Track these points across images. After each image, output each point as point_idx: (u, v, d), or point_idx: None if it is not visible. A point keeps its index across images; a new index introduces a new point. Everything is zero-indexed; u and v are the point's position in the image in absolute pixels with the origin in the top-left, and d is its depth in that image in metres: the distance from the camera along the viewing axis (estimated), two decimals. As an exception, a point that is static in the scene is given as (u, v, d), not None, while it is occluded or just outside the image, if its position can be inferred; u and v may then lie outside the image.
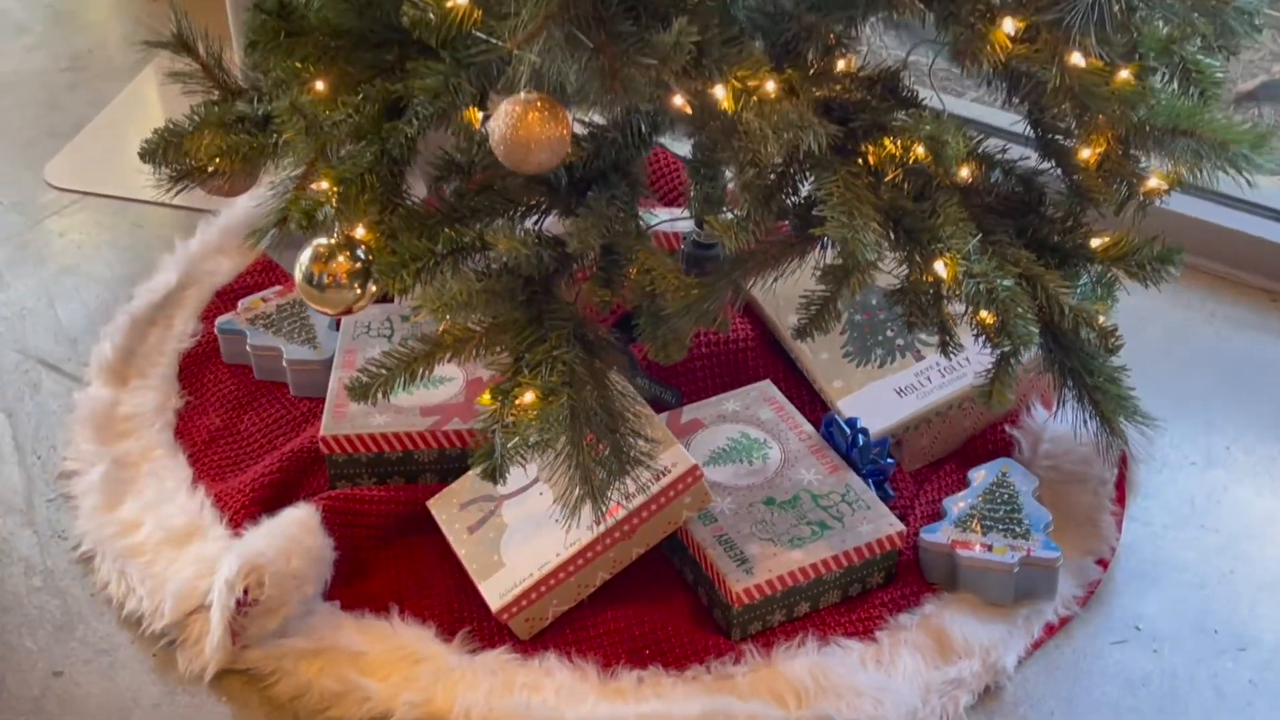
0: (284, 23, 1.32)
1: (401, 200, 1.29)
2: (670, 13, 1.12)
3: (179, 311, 1.77)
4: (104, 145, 2.11)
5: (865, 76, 1.26)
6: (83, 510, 1.51)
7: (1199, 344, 1.78)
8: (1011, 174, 1.36)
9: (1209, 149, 1.26)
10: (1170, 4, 1.21)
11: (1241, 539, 1.52)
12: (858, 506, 1.42)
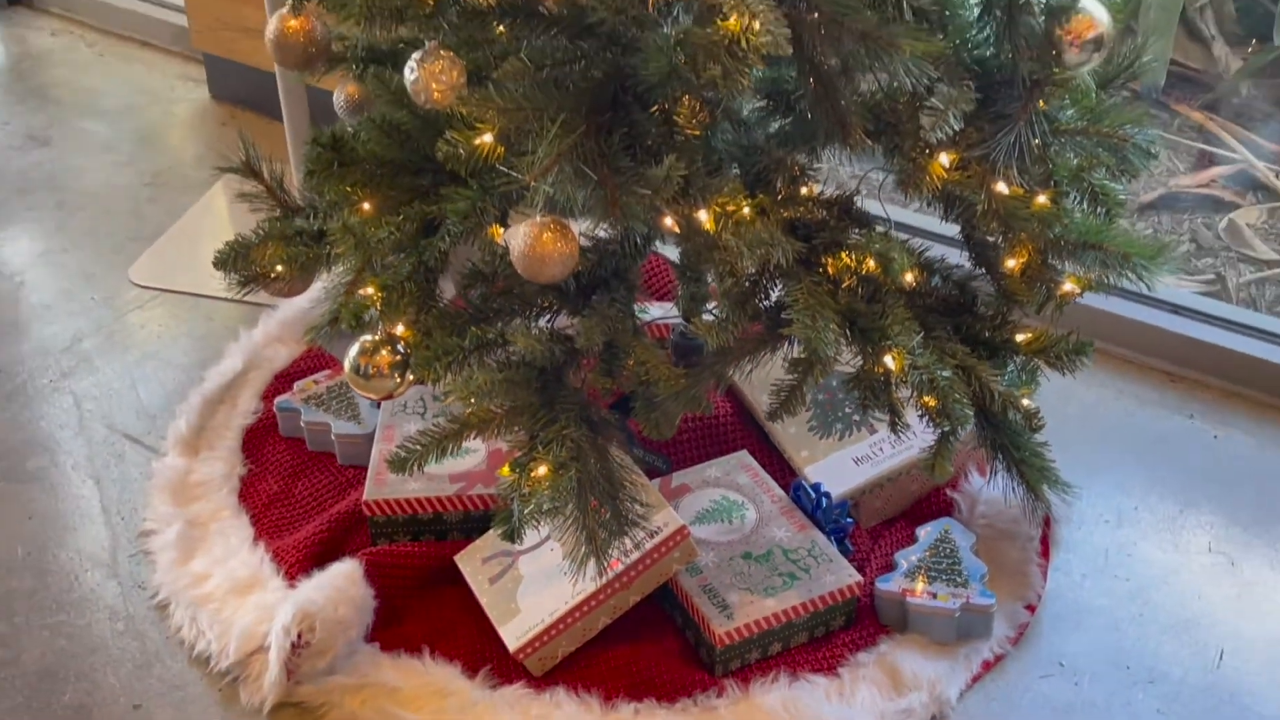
0: (336, 154, 1.34)
1: (435, 303, 1.31)
2: (661, 150, 1.14)
3: (243, 392, 1.78)
4: (180, 249, 2.12)
5: (825, 200, 1.27)
6: (160, 564, 1.51)
7: (1110, 419, 1.79)
8: (949, 279, 1.37)
9: (1114, 260, 1.28)
10: (1079, 140, 1.23)
11: (1148, 587, 1.52)
12: (822, 560, 1.43)
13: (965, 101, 1.15)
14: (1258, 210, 2.38)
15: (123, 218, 2.21)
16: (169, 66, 2.70)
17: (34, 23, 2.88)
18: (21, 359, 1.89)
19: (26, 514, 1.61)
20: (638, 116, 1.16)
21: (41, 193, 2.28)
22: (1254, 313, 1.97)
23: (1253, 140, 2.54)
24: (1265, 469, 1.71)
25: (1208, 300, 1.96)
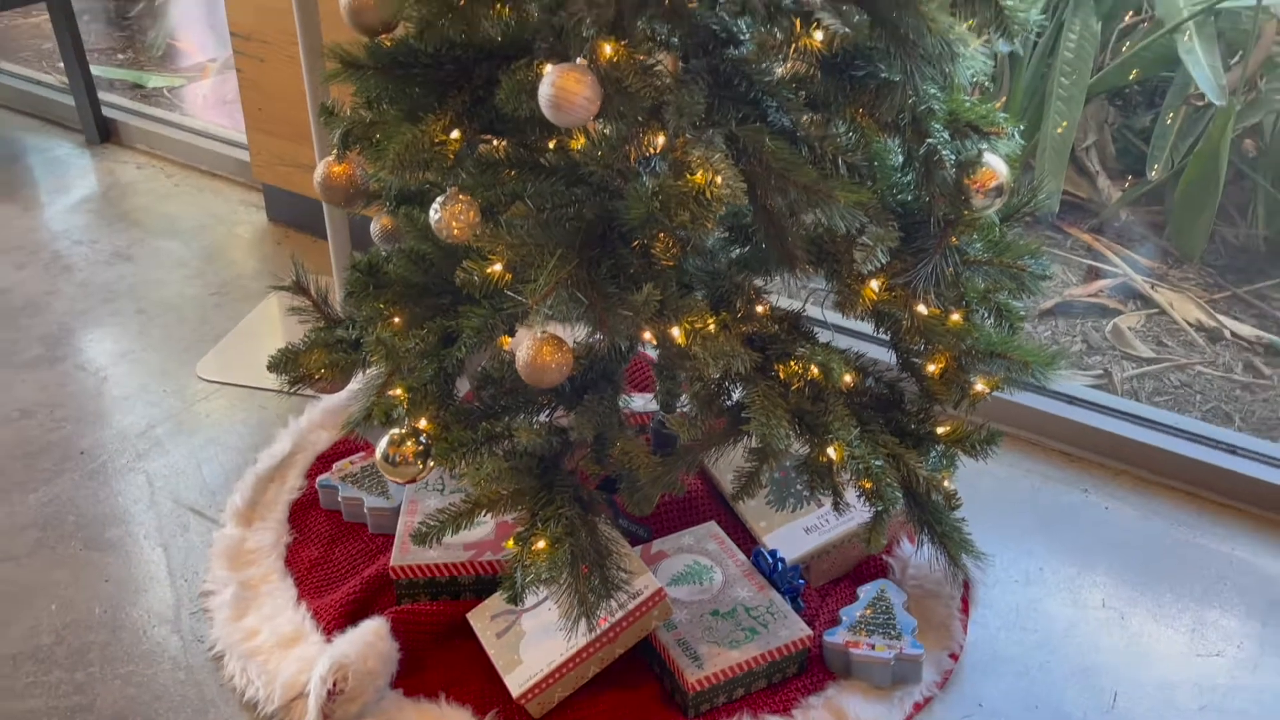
0: (372, 278, 1.36)
1: (452, 401, 1.32)
2: (641, 278, 1.15)
3: (290, 471, 1.77)
4: (239, 350, 2.12)
5: (777, 317, 1.28)
6: (216, 621, 1.49)
7: (1017, 493, 1.79)
8: (880, 380, 1.38)
9: (1017, 366, 1.29)
10: (985, 269, 1.24)
11: (1053, 638, 1.52)
12: (778, 616, 1.42)
13: (890, 239, 1.17)
14: (1137, 316, 2.40)
15: (192, 323, 2.22)
16: (234, 194, 2.72)
17: (122, 157, 2.91)
18: (103, 443, 1.88)
19: (104, 577, 1.60)
20: (621, 250, 1.17)
21: (124, 301, 2.28)
22: (1136, 403, 1.98)
23: (1132, 257, 2.58)
24: (1148, 536, 1.71)
25: (1097, 392, 1.98)
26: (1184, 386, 2.18)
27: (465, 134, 1.21)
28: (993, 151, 1.21)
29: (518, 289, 1.16)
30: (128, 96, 3.23)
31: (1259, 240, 2.60)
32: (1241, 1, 2.51)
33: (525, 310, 1.19)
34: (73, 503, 1.74)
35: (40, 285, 2.33)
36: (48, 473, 1.81)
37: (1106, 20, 2.63)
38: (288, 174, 2.48)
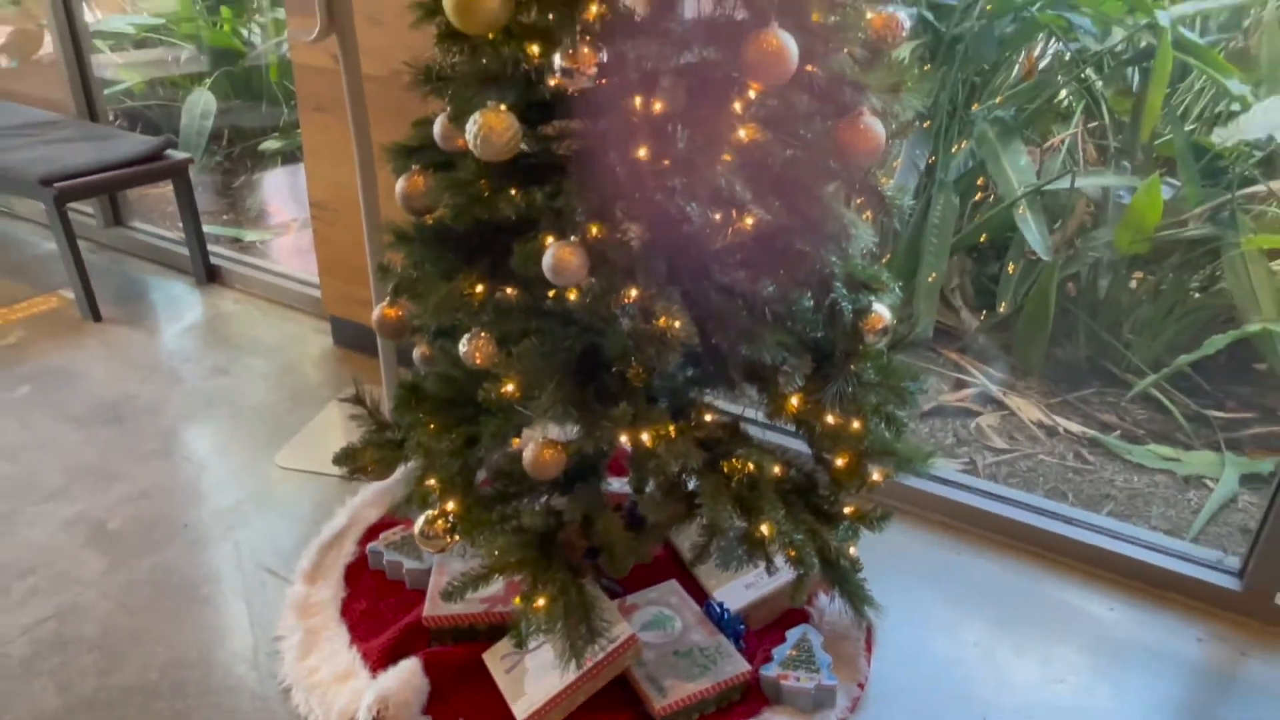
0: (414, 394, 1.36)
1: (474, 489, 1.31)
2: (619, 396, 1.17)
3: (346, 540, 1.74)
4: (309, 444, 2.11)
5: (722, 424, 1.28)
6: (286, 660, 1.46)
7: (907, 555, 1.78)
8: (800, 471, 1.38)
9: (902, 461, 1.31)
10: (877, 388, 1.27)
11: (936, 671, 1.50)
12: (725, 655, 1.40)
13: (805, 367, 1.19)
14: (994, 416, 2.42)
15: (272, 423, 2.20)
16: (307, 323, 2.73)
17: (223, 294, 2.92)
18: (202, 518, 1.85)
19: (199, 625, 1.56)
20: (604, 375, 1.19)
21: (221, 405, 2.27)
22: (995, 484, 1.99)
23: (988, 371, 2.61)
24: (1007, 588, 1.70)
25: (966, 475, 1.98)
26: (1030, 471, 2.20)
27: (487, 288, 1.24)
28: (879, 302, 1.25)
29: (525, 404, 1.17)
30: (229, 248, 3.26)
31: (1081, 359, 2.64)
32: (1060, 185, 2.61)
33: (530, 420, 1.21)
34: (177, 565, 1.71)
35: (158, 393, 2.32)
36: (159, 541, 1.77)
37: (963, 196, 2.71)
38: (350, 308, 2.50)
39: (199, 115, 3.66)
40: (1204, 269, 2.55)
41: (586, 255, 1.07)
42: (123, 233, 3.22)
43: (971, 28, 2.58)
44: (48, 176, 2.52)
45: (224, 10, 4.17)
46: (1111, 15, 2.58)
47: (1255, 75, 2.54)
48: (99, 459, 2.04)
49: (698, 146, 1.09)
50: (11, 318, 2.71)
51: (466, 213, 1.17)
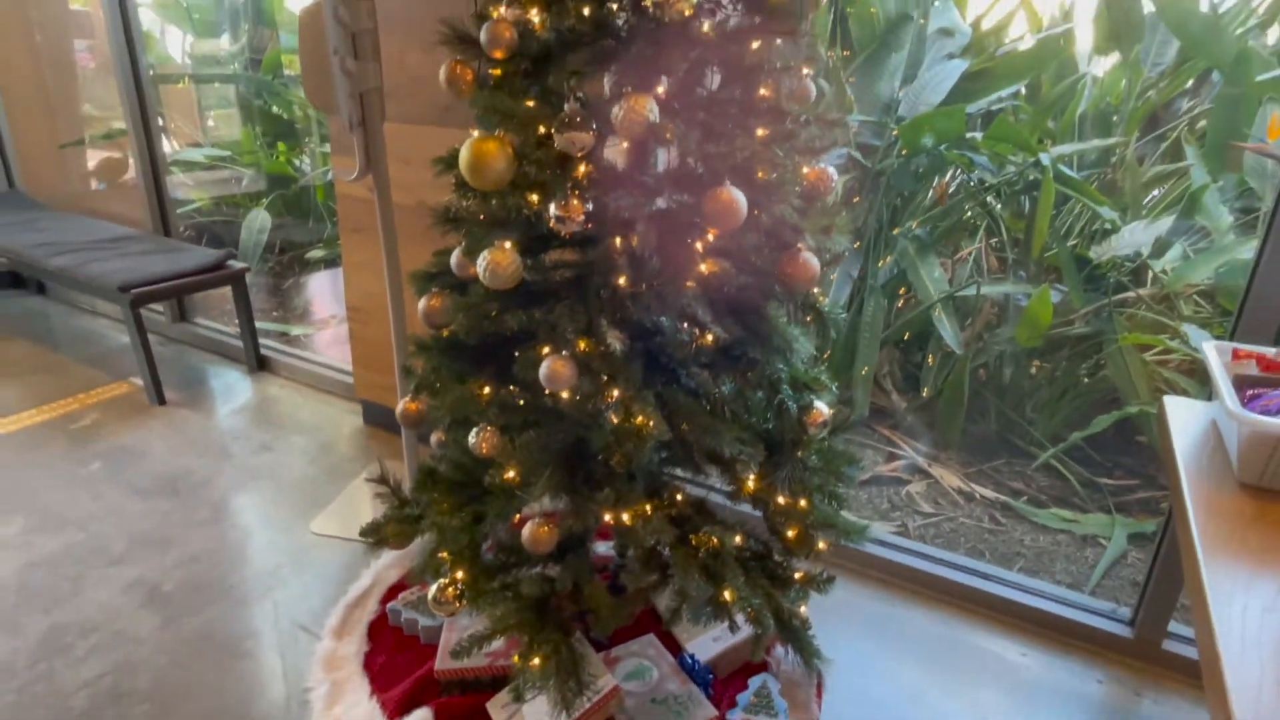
0: (430, 477, 1.35)
1: (480, 561, 1.30)
2: (603, 482, 1.17)
3: (370, 599, 1.71)
4: (340, 513, 2.07)
5: (691, 502, 1.29)
6: (315, 709, 1.41)
7: (850, 609, 1.76)
8: (758, 540, 1.37)
9: (842, 532, 1.31)
10: (819, 471, 1.28)
11: (877, 712, 1.47)
12: (696, 701, 1.37)
13: (759, 456, 1.19)
14: (921, 484, 2.42)
15: (309, 494, 2.18)
16: (342, 405, 2.72)
17: (271, 380, 2.91)
18: (245, 579, 1.81)
19: (240, 678, 1.51)
20: (591, 463, 1.19)
21: (265, 479, 2.24)
22: (923, 544, 1.99)
23: (916, 445, 2.62)
24: (937, 637, 1.68)
25: (899, 537, 1.98)
26: (953, 532, 2.19)
27: (494, 389, 1.24)
28: (819, 400, 1.27)
29: (524, 489, 1.17)
30: (277, 340, 3.26)
31: (992, 434, 2.67)
32: (968, 292, 2.67)
33: (529, 502, 1.20)
34: (222, 623, 1.67)
35: (211, 468, 2.29)
36: (207, 601, 1.73)
37: (890, 299, 2.77)
38: (379, 394, 2.50)
39: (256, 230, 3.71)
40: (1090, 359, 2.61)
41: (575, 366, 1.08)
42: (187, 328, 3.22)
43: (892, 164, 2.67)
44: (125, 284, 2.53)
45: (280, 145, 4.26)
46: (1005, 153, 2.69)
47: (1122, 202, 2.65)
48: (157, 527, 2.00)
49: (667, 276, 1.12)
50: (89, 402, 2.69)
51: (476, 329, 1.19)
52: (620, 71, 1.06)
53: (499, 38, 1.10)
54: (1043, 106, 2.91)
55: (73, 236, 3.01)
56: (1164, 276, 2.48)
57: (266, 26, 4.55)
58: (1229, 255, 2.27)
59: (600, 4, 1.07)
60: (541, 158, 1.08)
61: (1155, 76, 2.95)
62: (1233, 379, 0.99)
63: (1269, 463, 0.87)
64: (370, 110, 1.65)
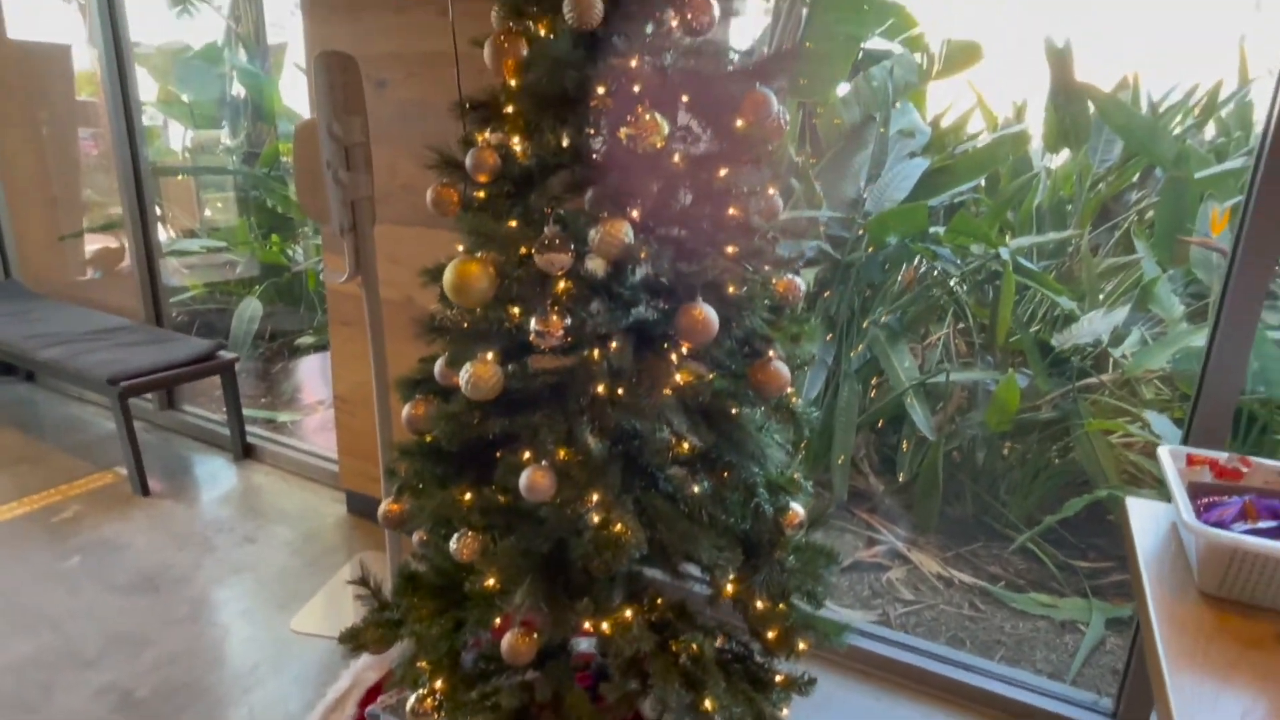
0: (411, 582, 1.33)
1: (459, 669, 1.26)
2: (583, 591, 1.15)
3: (348, 702, 1.63)
4: (320, 610, 2.02)
5: (671, 606, 1.26)
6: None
7: (834, 704, 1.71)
8: (739, 642, 1.34)
9: (820, 634, 1.29)
10: (797, 573, 1.27)
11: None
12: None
13: (736, 560, 1.18)
14: (901, 570, 2.40)
15: (291, 587, 2.12)
16: (326, 494, 2.68)
17: (256, 468, 2.88)
18: (222, 680, 1.75)
19: (208, 793, 1.44)
20: (571, 571, 1.17)
21: (247, 572, 2.19)
22: (905, 634, 1.96)
23: (895, 530, 2.61)
24: None
25: (880, 627, 1.95)
26: (934, 620, 2.16)
27: (475, 496, 1.24)
28: (795, 501, 1.27)
29: (504, 596, 1.15)
30: (264, 427, 3.23)
31: (969, 516, 2.67)
32: (938, 379, 2.71)
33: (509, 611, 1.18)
34: (193, 732, 1.60)
35: (192, 561, 2.24)
36: (181, 706, 1.66)
37: (864, 385, 2.81)
38: (363, 484, 2.47)
39: (247, 319, 3.72)
40: (1059, 441, 2.63)
41: (554, 475, 1.09)
42: (175, 415, 3.19)
43: (860, 256, 2.75)
44: (114, 376, 2.52)
45: (274, 236, 4.33)
46: (967, 244, 2.78)
47: (1079, 291, 2.73)
48: (134, 626, 1.94)
49: (644, 386, 1.13)
50: (71, 493, 2.63)
51: (458, 436, 1.19)
52: (597, 196, 1.10)
53: (483, 163, 1.14)
54: (1001, 200, 3.03)
55: (65, 327, 3.00)
56: (1124, 362, 2.54)
57: (265, 122, 4.68)
58: (1183, 342, 2.34)
59: (578, 132, 1.12)
60: (522, 275, 1.10)
61: (1104, 171, 3.09)
62: (1187, 486, 1.01)
63: (1227, 574, 0.88)
64: (361, 217, 1.69)
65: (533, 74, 1.08)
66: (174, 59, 4.81)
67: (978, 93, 3.48)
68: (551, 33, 1.10)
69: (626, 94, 1.06)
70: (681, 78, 1.09)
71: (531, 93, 1.08)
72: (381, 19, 2.00)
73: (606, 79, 1.06)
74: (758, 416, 1.24)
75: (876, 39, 3.22)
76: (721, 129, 1.11)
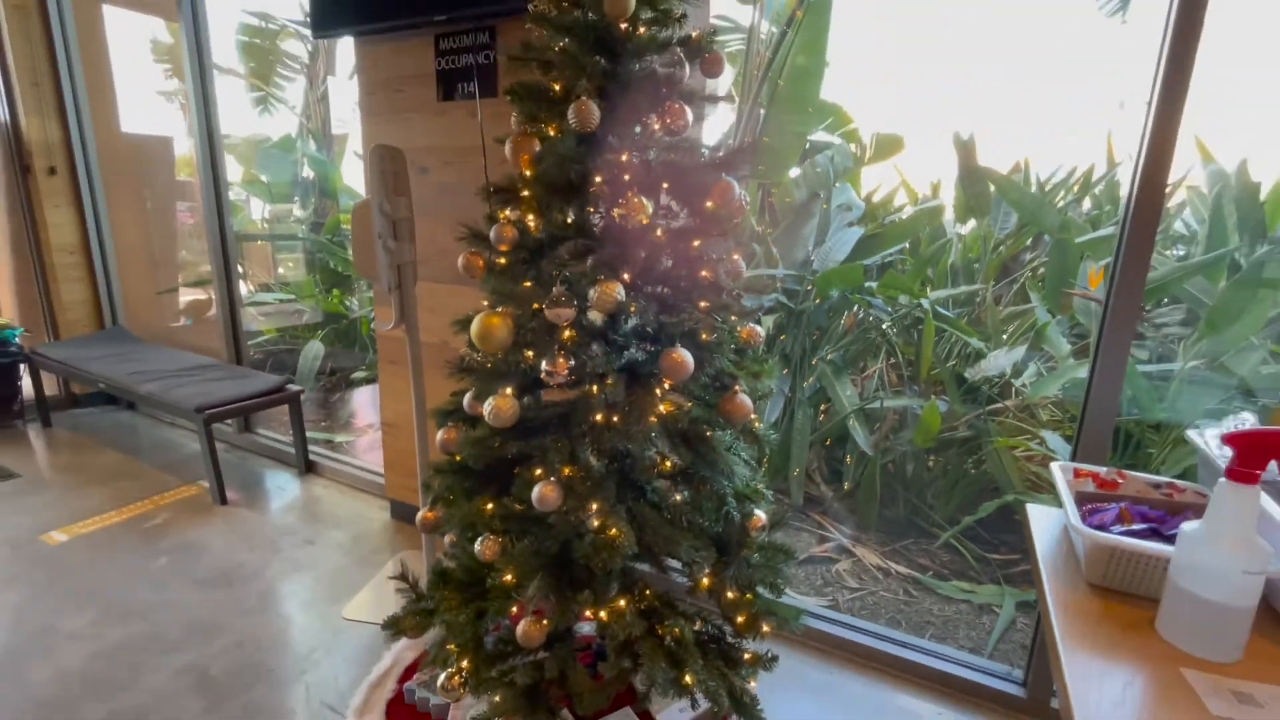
0: (443, 577, 1.31)
1: (483, 651, 1.24)
2: (585, 584, 1.14)
3: (389, 678, 1.60)
4: (368, 600, 1.98)
5: (658, 595, 1.25)
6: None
7: (795, 677, 1.67)
8: (713, 624, 1.32)
9: (781, 619, 1.27)
10: (761, 568, 1.25)
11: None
12: (664, 770, 1.29)
13: (710, 558, 1.18)
14: (848, 563, 2.37)
15: (343, 582, 2.08)
16: (374, 503, 2.65)
17: (317, 481, 2.84)
18: (283, 663, 1.70)
19: (270, 759, 1.40)
20: (575, 568, 1.16)
21: (306, 570, 2.15)
22: (852, 616, 1.94)
23: (842, 529, 2.59)
24: (867, 700, 1.60)
25: (831, 611, 1.93)
26: (875, 605, 2.14)
27: (496, 506, 1.23)
28: (758, 508, 1.26)
29: (519, 590, 1.14)
30: (323, 447, 3.20)
31: (902, 518, 2.65)
32: (875, 405, 2.71)
33: (523, 602, 1.16)
34: (260, 705, 1.55)
35: (261, 560, 2.19)
36: (248, 684, 1.62)
37: (815, 410, 2.80)
38: (404, 494, 2.44)
39: (311, 358, 3.71)
40: (974, 455, 2.64)
41: (561, 491, 1.08)
42: (250, 437, 3.16)
43: (810, 306, 2.78)
44: (200, 406, 2.50)
45: (335, 291, 4.33)
46: (895, 295, 2.81)
47: (986, 334, 2.75)
48: (210, 615, 1.89)
49: (634, 415, 1.13)
50: (162, 503, 2.59)
51: (483, 457, 1.19)
52: (596, 262, 1.11)
53: (503, 236, 1.15)
54: (922, 260, 3.07)
55: (161, 365, 2.99)
56: (1024, 391, 2.55)
57: (329, 198, 4.72)
58: (1070, 375, 2.35)
59: (580, 211, 1.14)
60: (535, 326, 1.11)
61: (1004, 236, 3.14)
62: (1075, 495, 1.02)
63: (1108, 568, 0.88)
64: (405, 277, 1.70)
65: (543, 166, 1.10)
66: (256, 148, 4.87)
67: (901, 174, 3.56)
68: (559, 133, 1.12)
69: (619, 181, 1.08)
70: (662, 169, 1.12)
71: (543, 181, 1.10)
72: (425, 120, 2.03)
73: (603, 170, 1.08)
74: (727, 438, 1.24)
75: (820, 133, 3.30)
76: (695, 209, 1.14)
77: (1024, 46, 4.98)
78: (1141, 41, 1.24)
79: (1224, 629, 0.74)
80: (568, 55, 1.07)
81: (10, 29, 3.09)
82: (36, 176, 3.25)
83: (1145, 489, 1.02)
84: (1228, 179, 2.60)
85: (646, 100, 1.08)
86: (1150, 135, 1.28)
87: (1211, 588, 0.73)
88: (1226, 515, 0.73)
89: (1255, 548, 0.72)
